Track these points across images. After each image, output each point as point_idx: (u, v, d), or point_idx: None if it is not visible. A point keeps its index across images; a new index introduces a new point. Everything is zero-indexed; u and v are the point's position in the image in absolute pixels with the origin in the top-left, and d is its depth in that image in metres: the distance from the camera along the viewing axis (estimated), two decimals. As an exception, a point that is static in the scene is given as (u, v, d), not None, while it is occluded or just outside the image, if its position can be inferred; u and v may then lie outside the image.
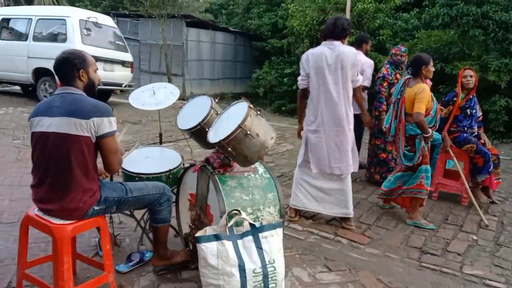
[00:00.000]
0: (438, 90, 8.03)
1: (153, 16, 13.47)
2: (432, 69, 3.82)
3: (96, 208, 2.32)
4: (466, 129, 4.56)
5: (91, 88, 2.40)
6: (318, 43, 3.76)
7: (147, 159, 3.24)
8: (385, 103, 4.74)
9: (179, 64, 14.17)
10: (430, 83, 5.07)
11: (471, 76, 4.49)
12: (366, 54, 5.30)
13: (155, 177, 2.98)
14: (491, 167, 4.39)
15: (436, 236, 3.67)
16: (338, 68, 3.45)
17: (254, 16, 15.89)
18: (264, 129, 2.56)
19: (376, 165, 4.96)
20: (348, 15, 8.81)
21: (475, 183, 4.51)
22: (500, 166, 5.97)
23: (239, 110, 2.58)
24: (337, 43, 3.51)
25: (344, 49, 3.46)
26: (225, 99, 13.15)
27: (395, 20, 10.16)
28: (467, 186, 4.37)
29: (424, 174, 3.80)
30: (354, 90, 3.60)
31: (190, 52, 14.39)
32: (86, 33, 8.87)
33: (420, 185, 3.82)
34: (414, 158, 3.78)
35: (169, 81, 12.72)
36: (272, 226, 2.51)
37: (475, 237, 3.68)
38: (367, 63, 5.02)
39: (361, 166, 4.54)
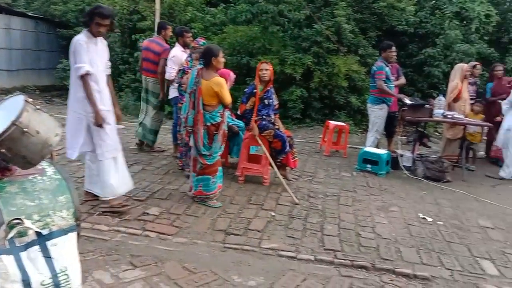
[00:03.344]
0: (245, 82, 8.63)
1: None
2: (222, 60, 4.10)
3: None
4: (264, 117, 5.02)
5: None
6: (131, 33, 3.69)
7: None
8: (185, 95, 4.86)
9: (-38, 52, 11.89)
10: (234, 76, 5.42)
11: (266, 70, 4.94)
12: (167, 41, 5.39)
13: None
14: (288, 147, 4.93)
15: (240, 216, 3.95)
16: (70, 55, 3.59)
17: (58, 1, 14.37)
18: (46, 125, 2.32)
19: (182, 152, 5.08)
20: (157, 6, 8.71)
21: (276, 163, 5.01)
22: (296, 148, 6.81)
23: (14, 105, 2.27)
24: (84, 30, 3.61)
25: (75, 37, 3.58)
26: (27, 92, 11.62)
27: (204, 14, 10.49)
28: (276, 169, 4.82)
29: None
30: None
31: (-23, 39, 12.21)
32: None
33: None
34: (211, 148, 4.00)
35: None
36: (63, 232, 2.30)
37: (273, 213, 4.10)
38: (171, 55, 5.07)
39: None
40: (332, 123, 7.02)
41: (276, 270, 3.04)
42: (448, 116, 5.89)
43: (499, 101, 6.55)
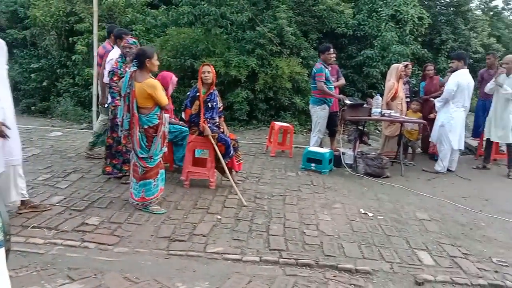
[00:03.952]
0: (190, 85, 8.52)
1: None
2: (156, 62, 4.02)
3: None
4: (209, 120, 4.97)
5: None
6: (68, 36, 3.51)
7: None
8: (118, 97, 4.71)
9: None
10: (176, 78, 5.33)
11: (208, 72, 4.90)
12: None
13: None
14: (232, 151, 4.92)
15: (185, 222, 3.88)
16: None
17: (-12, 3, 13.47)
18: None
19: (112, 157, 4.93)
20: (95, 8, 8.38)
21: (219, 167, 4.98)
22: (243, 149, 6.83)
23: None
24: None
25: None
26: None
27: (145, 16, 10.26)
28: (228, 171, 4.77)
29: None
30: None
31: None
32: None
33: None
34: (150, 151, 3.92)
35: None
36: (-12, 248, 2.14)
37: (219, 217, 4.06)
38: (108, 57, 4.92)
39: None
40: (277, 124, 7.10)
41: (221, 274, 3.01)
42: (386, 114, 6.15)
43: (432, 99, 6.93)
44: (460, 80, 6.10)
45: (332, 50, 6.37)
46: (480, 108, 7.62)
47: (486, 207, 4.97)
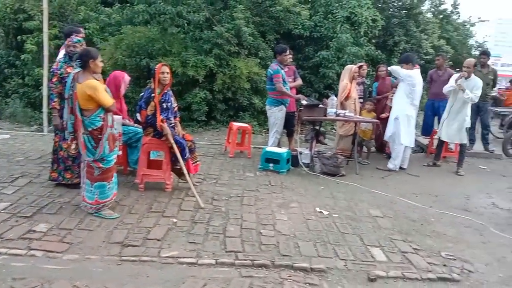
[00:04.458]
0: (146, 85, 8.34)
1: None
2: (100, 64, 3.94)
3: None
4: (164, 121, 4.88)
5: None
6: (16, 34, 3.30)
7: None
8: (56, 99, 4.53)
9: None
10: (128, 78, 5.21)
11: (167, 73, 4.81)
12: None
13: None
14: (187, 154, 4.85)
15: (139, 226, 3.79)
16: None
17: None
18: None
19: (58, 163, 4.72)
20: (45, 5, 8.05)
21: (175, 169, 4.90)
22: (201, 150, 6.78)
23: None
24: None
25: None
26: None
27: (98, 14, 9.96)
28: (187, 173, 4.69)
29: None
30: None
31: None
32: None
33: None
34: (96, 152, 3.81)
35: None
36: None
37: (175, 220, 3.99)
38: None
39: None
40: (236, 124, 7.08)
41: (175, 279, 2.96)
42: (341, 114, 6.28)
43: (385, 98, 7.15)
44: (418, 78, 6.39)
45: (288, 52, 6.43)
46: (429, 108, 7.95)
47: (436, 203, 5.18)
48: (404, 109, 6.39)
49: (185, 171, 4.72)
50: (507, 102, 11.91)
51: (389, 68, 6.92)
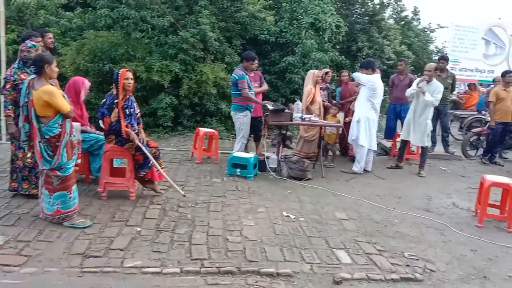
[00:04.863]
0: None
1: None
2: (56, 69, 3.85)
3: None
4: (129, 127, 4.76)
5: None
6: None
7: None
8: (10, 107, 4.38)
9: None
10: (89, 83, 5.08)
11: (131, 78, 4.73)
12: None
13: None
14: (151, 162, 4.75)
15: (101, 236, 3.68)
16: None
17: None
18: None
19: (13, 172, 4.57)
20: (2, 8, 7.75)
21: (139, 177, 4.80)
22: (168, 157, 6.69)
23: None
24: None
25: None
26: None
27: (59, 18, 9.69)
28: (161, 169, 4.69)
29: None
30: None
31: None
32: None
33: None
34: (53, 161, 3.69)
35: None
36: None
37: (139, 229, 3.90)
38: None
39: None
40: (202, 130, 7.03)
41: (139, 289, 2.89)
42: (306, 119, 6.34)
43: (349, 103, 7.28)
44: (378, 83, 6.53)
45: (256, 61, 6.51)
46: (392, 112, 8.17)
47: (399, 204, 5.30)
48: (366, 113, 6.54)
49: (156, 164, 4.69)
50: (465, 105, 12.37)
51: (352, 75, 7.06)
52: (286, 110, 6.41)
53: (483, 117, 9.70)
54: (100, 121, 4.73)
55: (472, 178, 6.79)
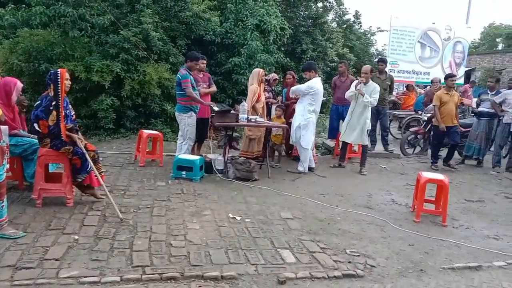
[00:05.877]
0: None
1: None
2: None
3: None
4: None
5: None
6: None
7: None
8: None
9: None
10: (21, 85, 4.77)
11: (70, 79, 4.52)
12: None
13: None
14: (89, 166, 4.55)
15: (35, 246, 3.46)
16: None
17: None
18: None
19: None
20: None
21: (77, 182, 4.57)
22: (109, 160, 6.45)
23: None
24: None
25: None
26: None
27: (-11, 15, 9.06)
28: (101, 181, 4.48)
29: None
30: None
31: None
32: None
33: None
34: None
35: None
36: None
37: (76, 237, 3.71)
38: None
39: None
40: (146, 132, 6.84)
41: (75, 301, 2.74)
42: (252, 120, 6.36)
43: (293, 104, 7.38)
44: (318, 86, 6.66)
45: (200, 61, 6.44)
46: (334, 112, 8.40)
47: (342, 202, 5.45)
48: (305, 116, 6.64)
49: (96, 172, 4.51)
50: (404, 105, 12.98)
51: (290, 93, 7.15)
52: (232, 111, 6.39)
53: (420, 116, 10.21)
54: (35, 124, 4.43)
55: (410, 175, 7.13)
